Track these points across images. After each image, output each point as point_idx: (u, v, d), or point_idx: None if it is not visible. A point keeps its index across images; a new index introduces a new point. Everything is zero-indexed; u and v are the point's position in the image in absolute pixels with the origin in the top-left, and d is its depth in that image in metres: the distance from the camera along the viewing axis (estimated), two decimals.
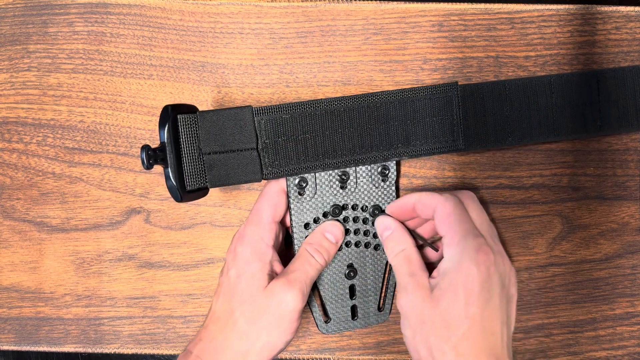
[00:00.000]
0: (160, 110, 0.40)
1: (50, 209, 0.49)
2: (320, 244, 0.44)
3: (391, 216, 0.45)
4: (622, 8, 0.48)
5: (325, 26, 0.48)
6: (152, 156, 0.39)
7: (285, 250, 0.48)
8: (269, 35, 0.48)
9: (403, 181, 0.49)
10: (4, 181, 0.49)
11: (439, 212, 0.41)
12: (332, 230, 0.45)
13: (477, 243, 0.39)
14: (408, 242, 0.43)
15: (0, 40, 0.49)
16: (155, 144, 0.48)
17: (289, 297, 0.41)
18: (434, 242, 0.46)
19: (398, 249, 0.43)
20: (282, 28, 0.48)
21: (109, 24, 0.48)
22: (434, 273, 0.41)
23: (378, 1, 0.48)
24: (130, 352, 0.49)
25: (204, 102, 0.48)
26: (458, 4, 0.48)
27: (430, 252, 0.45)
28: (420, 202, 0.43)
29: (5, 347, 0.50)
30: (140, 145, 0.48)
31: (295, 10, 0.48)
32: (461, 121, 0.45)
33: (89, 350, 0.49)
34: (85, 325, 0.49)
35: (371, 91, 0.48)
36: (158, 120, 0.40)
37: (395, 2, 0.48)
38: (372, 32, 0.48)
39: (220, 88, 0.48)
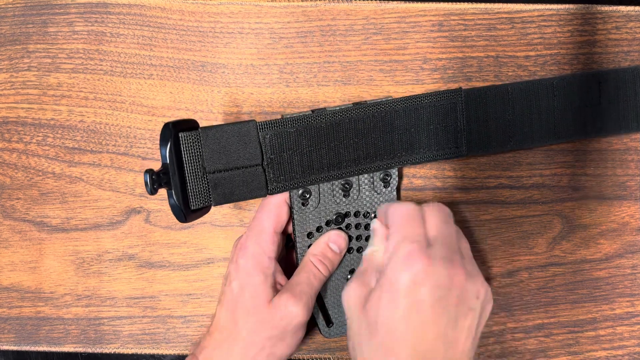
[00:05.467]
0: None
1: (50, 208, 0.49)
2: (324, 254, 0.44)
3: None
4: (622, 8, 0.48)
5: (325, 26, 0.48)
6: (156, 180, 0.37)
7: (286, 254, 0.48)
8: (269, 35, 0.48)
9: (403, 181, 0.49)
10: (4, 181, 0.49)
11: (389, 216, 0.40)
12: (336, 241, 0.44)
13: (411, 248, 0.37)
14: (380, 245, 0.42)
15: (0, 40, 0.49)
16: (155, 143, 0.48)
17: (294, 311, 0.41)
18: None
19: (369, 250, 0.42)
20: (282, 28, 0.48)
21: (109, 23, 0.48)
22: None
23: (378, 1, 0.48)
24: (130, 352, 0.49)
25: (204, 102, 0.48)
26: (458, 4, 0.48)
27: None
28: (382, 209, 0.42)
29: (5, 347, 0.50)
30: (139, 144, 0.48)
31: (295, 10, 0.48)
32: (464, 127, 0.44)
33: (89, 350, 0.49)
34: (85, 325, 0.49)
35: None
36: (159, 137, 0.39)
37: (395, 2, 0.48)
38: (372, 32, 0.48)
39: (220, 88, 0.48)
